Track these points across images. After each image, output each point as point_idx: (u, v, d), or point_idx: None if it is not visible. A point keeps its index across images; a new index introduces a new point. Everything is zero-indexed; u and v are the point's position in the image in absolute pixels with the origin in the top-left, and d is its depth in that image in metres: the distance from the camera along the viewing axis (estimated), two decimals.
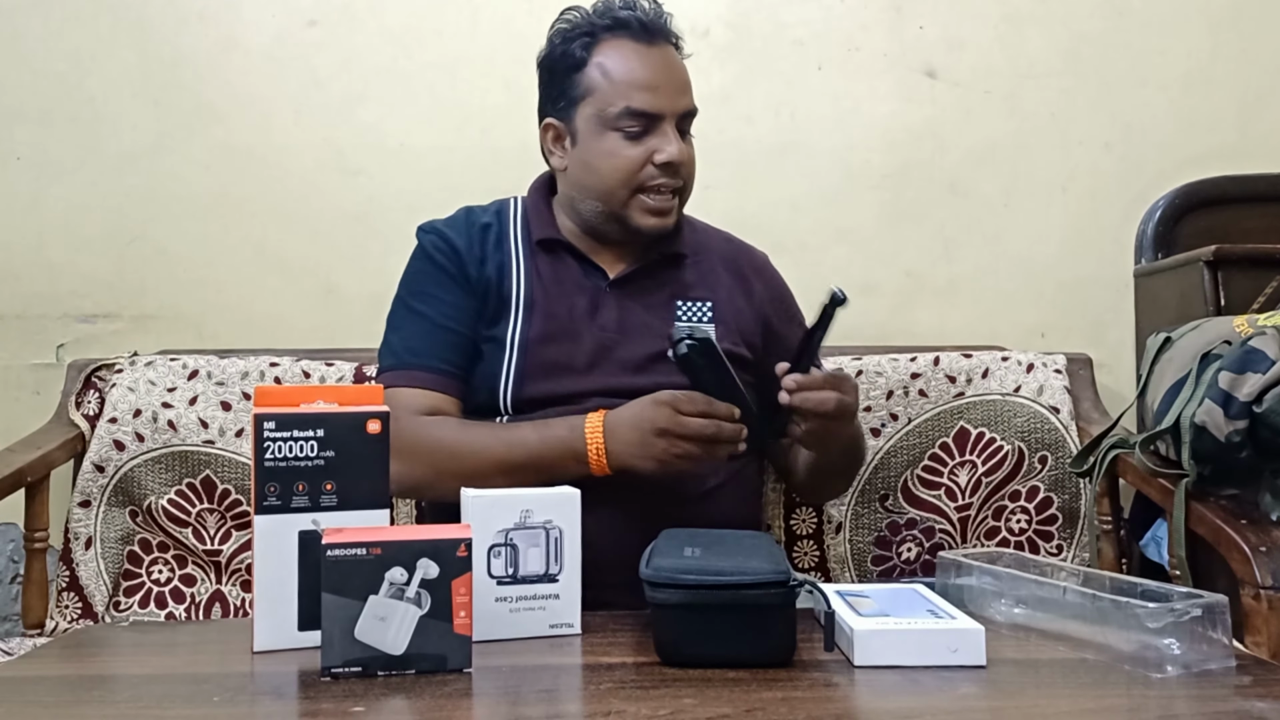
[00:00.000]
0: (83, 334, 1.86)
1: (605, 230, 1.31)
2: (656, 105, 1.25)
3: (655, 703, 0.77)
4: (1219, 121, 1.92)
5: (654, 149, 1.25)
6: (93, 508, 1.58)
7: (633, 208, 1.27)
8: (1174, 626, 0.85)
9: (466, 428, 1.23)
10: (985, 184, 1.92)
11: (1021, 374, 1.67)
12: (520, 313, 1.29)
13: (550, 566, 0.96)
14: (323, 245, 1.88)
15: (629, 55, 1.26)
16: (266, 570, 0.91)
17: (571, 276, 1.32)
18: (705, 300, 1.34)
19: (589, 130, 1.27)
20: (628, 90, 1.25)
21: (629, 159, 1.25)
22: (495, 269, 1.31)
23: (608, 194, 1.27)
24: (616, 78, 1.25)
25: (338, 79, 1.89)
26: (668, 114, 1.26)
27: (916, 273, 1.91)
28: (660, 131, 1.25)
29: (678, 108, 1.27)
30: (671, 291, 1.34)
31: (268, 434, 0.91)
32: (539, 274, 1.31)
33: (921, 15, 1.91)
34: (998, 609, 1.00)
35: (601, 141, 1.26)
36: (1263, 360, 1.25)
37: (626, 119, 1.25)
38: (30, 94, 1.86)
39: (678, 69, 1.29)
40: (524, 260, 1.32)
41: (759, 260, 1.46)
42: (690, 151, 1.30)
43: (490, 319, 1.30)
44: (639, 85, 1.25)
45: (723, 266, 1.40)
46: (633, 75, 1.25)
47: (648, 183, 1.26)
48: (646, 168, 1.26)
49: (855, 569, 1.62)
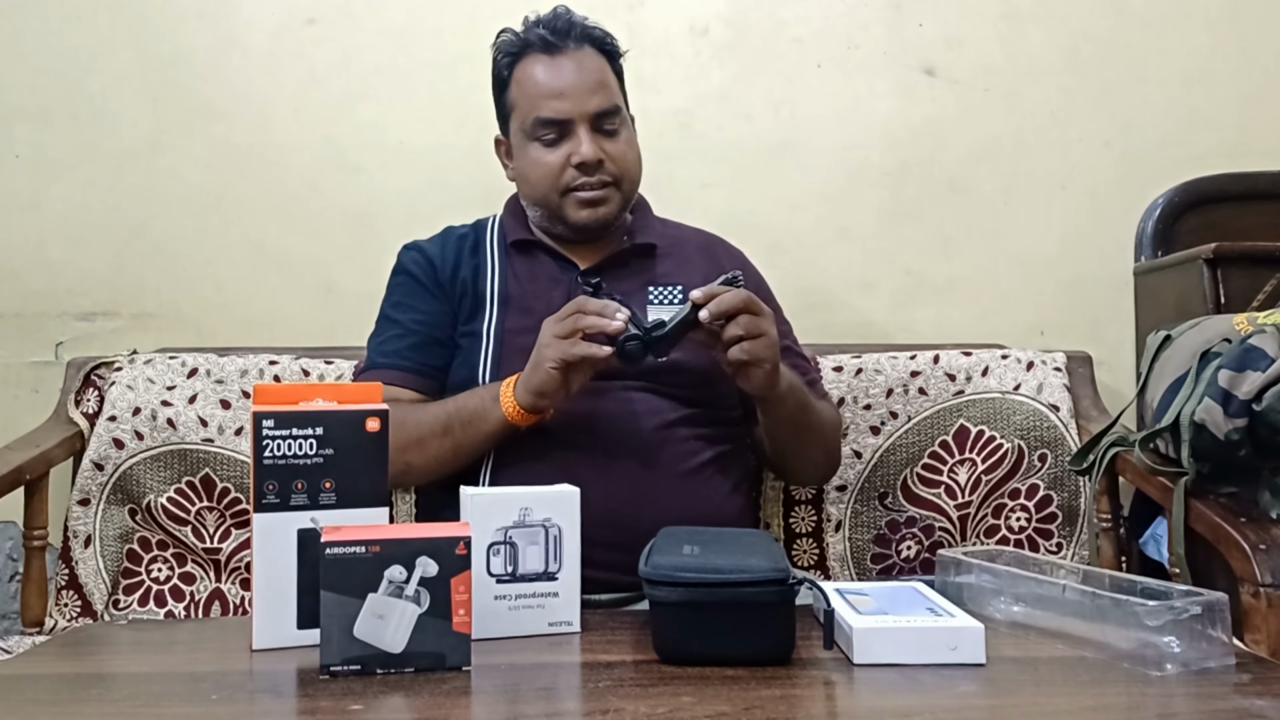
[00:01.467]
0: (82, 332, 1.86)
1: (555, 230, 1.40)
2: (563, 111, 1.33)
3: (654, 701, 0.77)
4: (1218, 119, 1.91)
5: (570, 152, 1.33)
6: (92, 506, 1.58)
7: (566, 206, 1.36)
8: (1173, 624, 0.85)
9: (413, 407, 1.30)
10: (985, 182, 1.92)
11: (1021, 372, 1.67)
12: (496, 308, 1.36)
13: (549, 565, 0.96)
14: (322, 243, 1.88)
15: (536, 68, 1.35)
16: (265, 568, 0.91)
17: (546, 272, 1.40)
18: (677, 284, 1.33)
19: (518, 142, 1.39)
20: (536, 101, 1.34)
21: (549, 165, 1.34)
22: (471, 271, 1.40)
23: (542, 198, 1.37)
24: (527, 91, 1.35)
25: (337, 77, 1.89)
26: (576, 117, 1.33)
27: (916, 271, 1.91)
28: (574, 135, 1.33)
29: (587, 109, 1.33)
30: (644, 279, 1.37)
31: (267, 432, 0.91)
32: (514, 272, 1.39)
33: (921, 13, 1.91)
34: (997, 607, 1.00)
35: (528, 152, 1.36)
36: (1262, 358, 1.25)
37: (540, 128, 1.34)
38: (29, 92, 1.86)
39: (586, 72, 1.35)
40: (499, 261, 1.41)
41: (734, 250, 1.53)
42: (615, 147, 1.36)
43: (467, 316, 1.38)
44: (544, 94, 1.34)
45: (696, 254, 1.46)
46: (538, 87, 1.34)
47: (572, 184, 1.34)
48: (567, 171, 1.34)
49: (854, 567, 1.62)
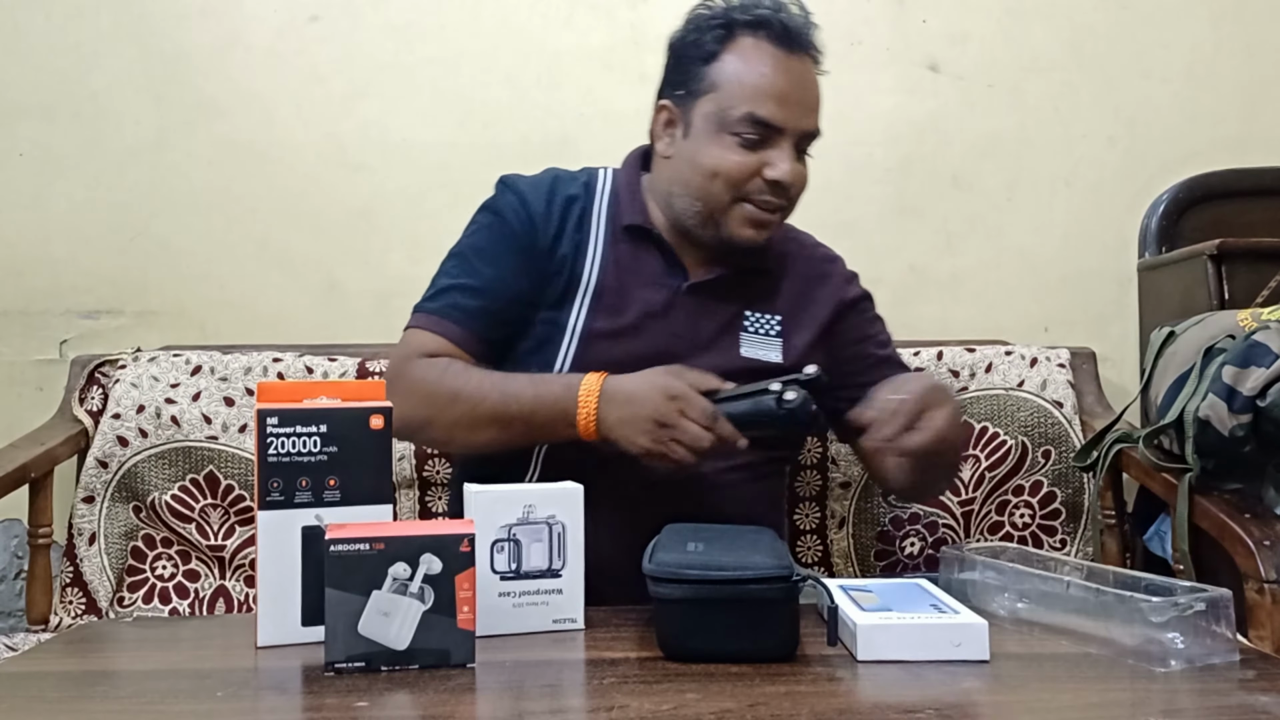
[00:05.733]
0: (86, 330, 1.86)
1: (695, 231, 1.23)
2: (780, 118, 1.16)
3: (658, 697, 0.77)
4: (1223, 115, 1.91)
5: (766, 162, 1.17)
6: (96, 503, 1.59)
7: (732, 215, 1.19)
8: (1178, 621, 0.85)
9: (469, 373, 1.17)
10: (988, 178, 1.92)
11: (1025, 368, 1.67)
12: (587, 300, 1.22)
13: (553, 561, 0.96)
14: (325, 240, 1.88)
15: (763, 59, 1.17)
16: (270, 566, 0.91)
17: (650, 270, 1.24)
18: (774, 314, 1.27)
19: (704, 127, 1.19)
20: (754, 95, 1.16)
21: (738, 166, 1.17)
22: (572, 248, 1.23)
23: (708, 196, 1.19)
24: (745, 80, 1.16)
25: (340, 74, 1.89)
26: (789, 129, 1.17)
27: (919, 267, 1.90)
28: (777, 145, 1.17)
29: (801, 126, 1.18)
30: (743, 302, 1.26)
31: (271, 429, 0.91)
32: (616, 262, 1.23)
33: (924, 8, 1.91)
34: (1001, 603, 1.00)
35: (714, 141, 1.18)
36: (1266, 354, 1.25)
37: (746, 125, 1.16)
38: (33, 90, 1.86)
39: (811, 86, 1.20)
40: (603, 244, 1.24)
41: (846, 273, 1.37)
42: (804, 173, 1.22)
43: (554, 301, 1.22)
44: (767, 93, 1.16)
45: (798, 278, 1.31)
46: (763, 81, 1.16)
47: (751, 195, 1.18)
48: (754, 180, 1.17)
49: (858, 564, 1.62)
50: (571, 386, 1.11)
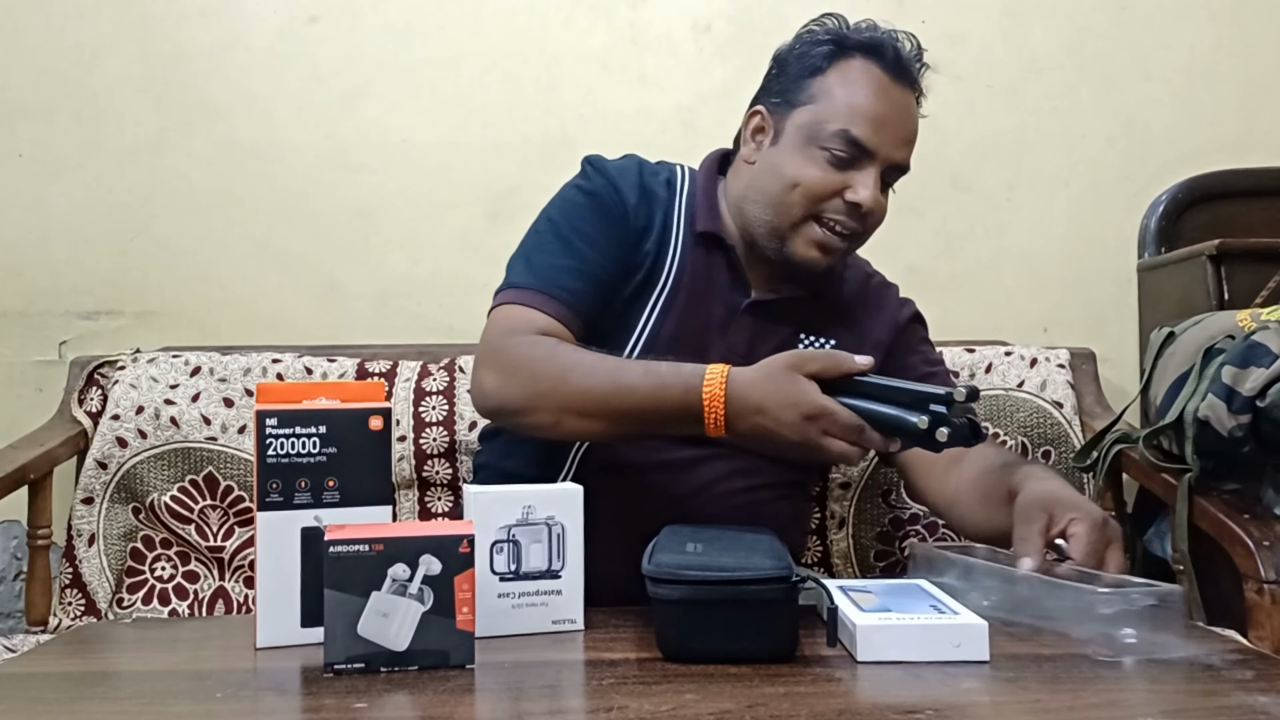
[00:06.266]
0: (85, 331, 1.86)
1: (760, 242, 1.21)
2: (874, 141, 1.14)
3: (658, 698, 0.77)
4: (1222, 115, 1.91)
5: (850, 184, 1.15)
6: (95, 504, 1.59)
7: (800, 232, 1.17)
8: (1128, 614, 0.86)
9: (580, 354, 1.08)
10: (988, 178, 1.92)
11: (1024, 369, 1.67)
12: (660, 303, 1.19)
13: (553, 562, 0.96)
14: (325, 241, 1.88)
15: (869, 80, 1.16)
16: (269, 567, 0.91)
17: (719, 281, 1.23)
18: (827, 339, 1.26)
19: (795, 137, 1.17)
20: (852, 113, 1.14)
21: (821, 181, 1.15)
22: (656, 244, 1.20)
23: (782, 207, 1.17)
24: (846, 97, 1.15)
25: (340, 75, 1.89)
26: (880, 156, 1.15)
27: (919, 267, 1.90)
28: (865, 169, 1.15)
29: (893, 156, 1.17)
30: (796, 325, 1.25)
31: (270, 430, 0.91)
32: (692, 267, 1.21)
33: (923, 9, 1.91)
34: (968, 600, 0.99)
35: (802, 153, 1.16)
36: (1266, 354, 1.25)
37: (838, 142, 1.14)
38: (32, 91, 1.86)
39: (910, 118, 1.19)
40: (683, 247, 1.21)
41: (899, 300, 1.37)
42: (884, 205, 1.19)
43: (629, 296, 1.19)
44: (865, 114, 1.14)
45: (854, 303, 1.31)
46: (864, 101, 1.15)
47: (825, 214, 1.16)
48: (834, 199, 1.15)
49: (858, 564, 1.62)
50: (693, 388, 1.02)
